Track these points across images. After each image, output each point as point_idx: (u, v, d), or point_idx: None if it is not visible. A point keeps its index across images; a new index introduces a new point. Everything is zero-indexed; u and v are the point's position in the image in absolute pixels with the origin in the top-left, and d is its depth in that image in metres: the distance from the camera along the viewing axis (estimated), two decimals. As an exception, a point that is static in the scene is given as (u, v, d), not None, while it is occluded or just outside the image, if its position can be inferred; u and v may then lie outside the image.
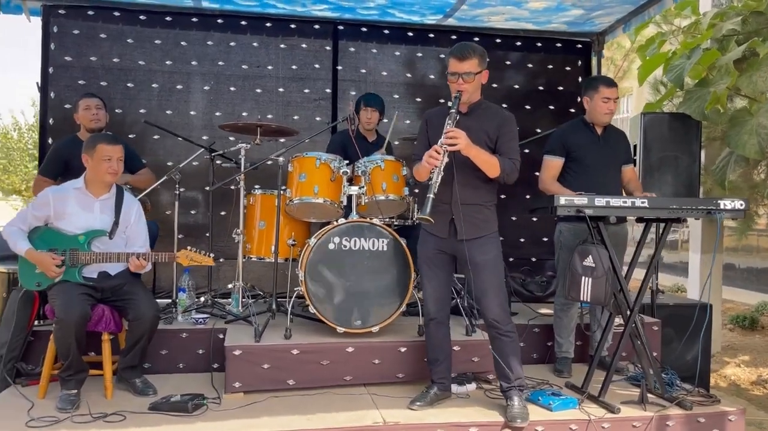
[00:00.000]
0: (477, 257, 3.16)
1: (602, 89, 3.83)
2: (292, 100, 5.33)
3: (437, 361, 3.40)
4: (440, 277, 3.31)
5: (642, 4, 4.99)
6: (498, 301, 3.19)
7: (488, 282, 3.18)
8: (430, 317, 3.36)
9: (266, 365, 3.49)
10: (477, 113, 3.22)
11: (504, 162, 3.11)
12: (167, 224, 4.66)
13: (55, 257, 3.31)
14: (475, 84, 3.14)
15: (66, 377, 3.24)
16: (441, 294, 3.33)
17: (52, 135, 4.90)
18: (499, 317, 3.19)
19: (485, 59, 3.17)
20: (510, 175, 3.14)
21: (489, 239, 3.21)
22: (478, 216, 3.19)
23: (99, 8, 5.00)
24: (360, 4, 4.97)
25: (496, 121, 3.19)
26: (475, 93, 3.19)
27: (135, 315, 3.35)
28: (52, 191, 3.45)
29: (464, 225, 3.15)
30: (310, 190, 3.91)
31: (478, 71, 3.12)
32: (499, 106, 3.34)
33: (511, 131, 3.20)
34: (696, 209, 3.45)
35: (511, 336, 3.22)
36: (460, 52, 3.10)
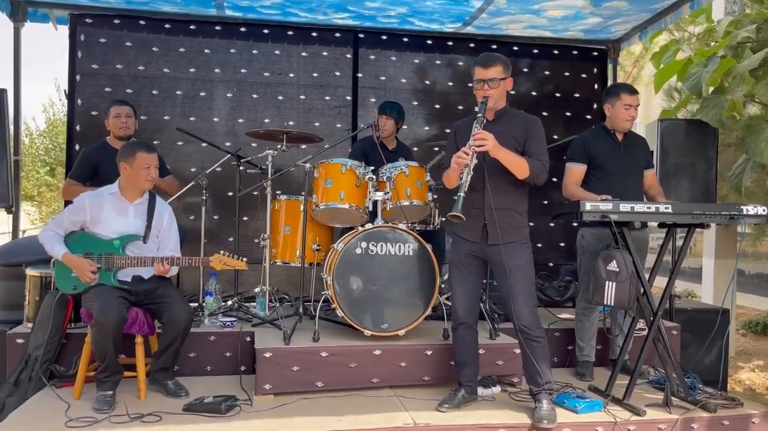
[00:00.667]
0: (509, 263, 3.21)
1: (624, 96, 3.90)
2: (313, 107, 5.42)
3: (465, 364, 3.45)
4: (470, 281, 3.37)
5: (659, 12, 5.07)
6: (528, 307, 3.24)
7: (519, 288, 3.23)
8: (460, 322, 3.41)
9: (296, 367, 3.55)
10: (504, 119, 3.29)
11: (533, 163, 3.16)
12: (190, 229, 4.75)
13: (92, 264, 3.39)
14: (499, 90, 3.22)
15: (102, 378, 3.31)
16: (470, 298, 3.39)
17: (78, 141, 5.00)
18: (529, 322, 3.25)
19: (509, 67, 3.26)
20: (539, 175, 3.18)
21: (521, 245, 3.27)
22: (511, 222, 3.25)
23: (125, 17, 5.11)
24: (381, 12, 5.06)
25: (523, 125, 3.26)
26: (500, 100, 3.26)
27: (169, 318, 3.41)
28: (89, 196, 3.52)
29: (495, 230, 3.20)
30: (336, 195, 3.98)
31: (503, 78, 3.21)
32: (525, 112, 3.41)
33: (538, 134, 3.26)
34: (719, 214, 3.50)
35: (540, 341, 3.27)
36: (485, 60, 3.20)
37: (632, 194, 3.89)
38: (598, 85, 5.84)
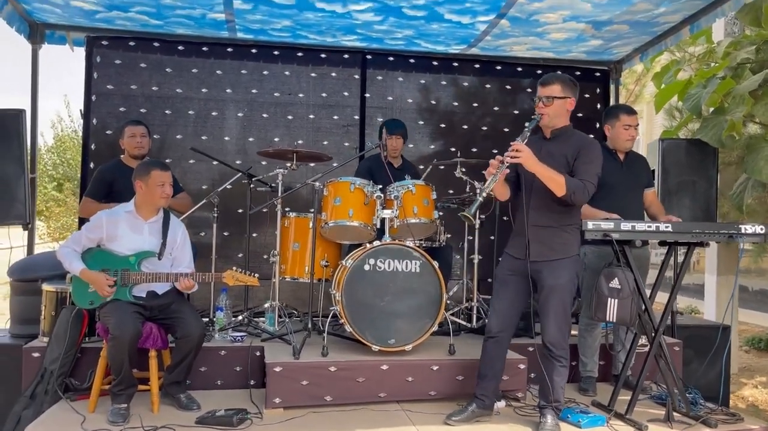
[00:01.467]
0: (548, 280, 3.27)
1: (623, 117, 4.02)
2: (322, 126, 5.54)
3: (485, 377, 3.48)
4: (509, 298, 3.41)
5: (659, 34, 5.18)
6: (557, 326, 3.28)
7: (552, 306, 3.28)
8: (491, 335, 3.45)
9: (305, 381, 3.63)
10: (561, 138, 3.34)
11: (570, 181, 3.16)
12: (201, 245, 4.85)
13: (109, 278, 3.49)
14: (555, 109, 3.28)
15: (117, 391, 3.40)
16: (504, 314, 3.41)
17: (93, 160, 5.13)
18: (554, 341, 3.30)
19: (570, 88, 3.31)
20: (577, 194, 3.16)
21: (564, 263, 3.28)
22: (555, 239, 3.29)
23: (140, 39, 5.25)
24: (388, 35, 5.20)
25: (577, 145, 3.28)
26: (557, 119, 3.32)
27: (183, 333, 3.51)
28: (106, 214, 3.63)
29: (536, 247, 3.28)
30: (345, 213, 4.09)
31: (561, 97, 3.27)
32: (585, 134, 3.42)
33: (589, 155, 3.26)
34: (718, 233, 3.59)
35: (561, 361, 3.32)
36: (544, 79, 3.32)
37: (633, 212, 3.99)
38: (601, 104, 5.95)
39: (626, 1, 4.46)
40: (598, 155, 3.30)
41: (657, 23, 4.92)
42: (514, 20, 4.78)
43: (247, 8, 4.61)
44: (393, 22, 4.86)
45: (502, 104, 5.86)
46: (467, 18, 4.75)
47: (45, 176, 17.57)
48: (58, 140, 17.86)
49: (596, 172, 3.27)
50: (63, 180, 16.89)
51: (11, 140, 4.31)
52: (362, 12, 4.65)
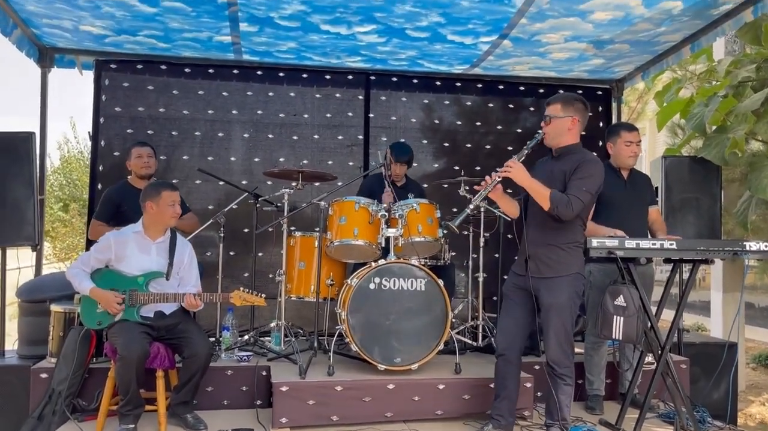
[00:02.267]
0: (546, 298, 3.29)
1: (624, 134, 4.05)
2: (327, 146, 5.60)
3: (498, 397, 3.49)
4: (514, 314, 3.43)
5: (660, 53, 5.24)
6: (558, 344, 3.29)
7: (552, 325, 3.29)
8: (498, 353, 3.48)
9: (311, 401, 3.64)
10: (564, 157, 3.37)
11: (555, 195, 3.18)
12: (207, 264, 4.89)
13: (117, 295, 3.52)
14: (554, 128, 3.33)
15: (125, 412, 3.41)
16: (511, 331, 3.43)
17: (101, 181, 5.18)
18: (556, 359, 3.31)
19: (574, 107, 3.33)
20: (560, 208, 3.16)
21: (562, 281, 3.28)
22: (551, 256, 3.31)
23: (147, 62, 5.34)
24: (391, 56, 5.27)
25: (576, 162, 3.29)
26: (558, 138, 3.35)
27: (190, 352, 3.53)
28: (114, 235, 3.68)
29: (534, 263, 3.31)
30: (350, 232, 4.12)
31: (561, 116, 3.32)
32: (589, 153, 3.41)
33: (583, 170, 3.25)
34: (723, 250, 3.60)
35: (564, 379, 3.32)
36: (549, 98, 3.40)
37: (636, 229, 4.00)
38: (603, 123, 5.99)
39: (627, 21, 4.52)
40: (594, 171, 3.29)
41: (658, 42, 4.98)
42: (516, 41, 4.85)
43: (253, 30, 4.69)
44: (396, 43, 4.93)
45: (504, 123, 5.90)
46: (470, 39, 4.82)
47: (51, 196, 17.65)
48: (65, 161, 17.98)
49: (587, 188, 3.24)
50: (69, 201, 16.96)
51: (21, 162, 4.36)
52: (366, 34, 4.72)
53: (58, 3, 4.24)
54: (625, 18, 4.47)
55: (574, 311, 3.35)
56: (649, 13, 4.39)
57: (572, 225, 3.32)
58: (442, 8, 4.29)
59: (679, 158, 5.32)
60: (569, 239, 3.33)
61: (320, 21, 4.50)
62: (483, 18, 4.45)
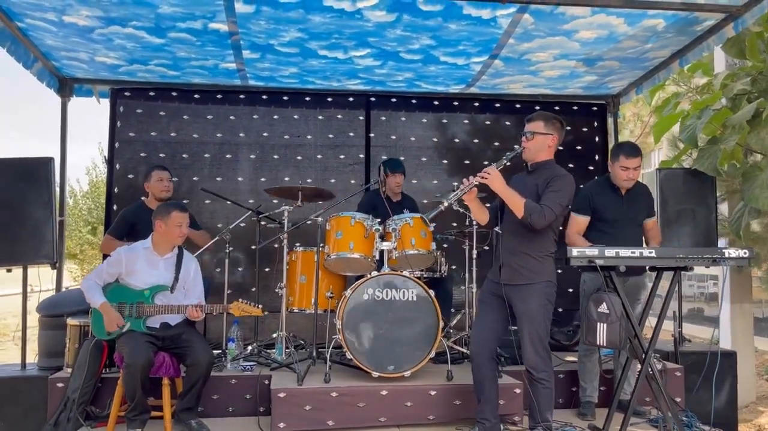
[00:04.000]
0: (517, 306, 3.44)
1: (622, 159, 4.08)
2: (329, 165, 5.84)
3: (479, 401, 3.63)
4: (487, 319, 3.58)
5: (651, 69, 5.38)
6: (533, 349, 3.43)
7: (526, 331, 3.44)
8: (472, 358, 3.63)
9: (308, 406, 3.82)
10: (539, 171, 3.55)
11: (529, 204, 3.34)
12: (216, 281, 5.13)
13: (120, 320, 3.78)
14: (535, 143, 3.52)
15: (132, 417, 3.63)
16: (484, 335, 3.58)
17: (116, 202, 5.49)
18: (533, 364, 3.44)
19: (554, 126, 3.54)
20: (533, 216, 3.32)
21: (532, 289, 3.43)
22: (523, 265, 3.47)
23: (159, 89, 5.65)
24: (389, 77, 5.50)
25: (549, 176, 3.46)
26: (538, 153, 3.54)
27: (192, 361, 3.75)
28: (125, 250, 3.95)
29: (507, 271, 3.47)
30: (346, 246, 4.32)
31: (542, 133, 3.50)
32: (560, 168, 3.57)
33: (556, 184, 3.42)
34: (702, 257, 3.68)
35: (543, 383, 3.45)
36: (529, 116, 3.60)
37: (632, 244, 4.06)
38: (599, 138, 6.14)
39: (612, 39, 4.69)
40: (566, 186, 3.45)
41: (647, 59, 5.13)
42: (507, 60, 5.04)
43: (256, 57, 4.96)
44: (392, 66, 5.16)
45: (502, 140, 6.07)
46: (462, 59, 5.03)
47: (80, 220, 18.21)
48: (93, 185, 18.56)
49: (559, 200, 3.41)
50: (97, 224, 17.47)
51: (41, 185, 4.66)
52: (362, 57, 4.96)
53: (74, 37, 4.57)
54: (610, 36, 4.64)
55: (547, 317, 3.48)
56: (632, 31, 4.55)
57: (544, 235, 3.47)
58: (431, 32, 4.51)
59: (674, 171, 5.41)
60: (541, 248, 3.48)
61: (318, 47, 4.75)
62: (472, 39, 4.65)
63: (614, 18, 4.35)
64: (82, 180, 25.21)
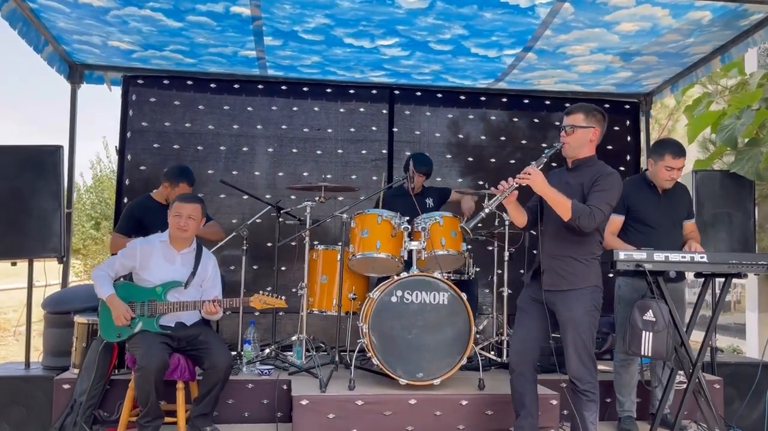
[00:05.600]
0: (561, 312, 3.19)
1: (667, 158, 3.81)
2: (350, 160, 5.61)
3: (517, 416, 3.38)
4: (528, 326, 3.33)
5: (689, 65, 5.14)
6: (578, 359, 3.18)
7: (570, 339, 3.19)
8: (512, 369, 3.37)
9: (331, 415, 3.58)
10: (581, 169, 3.28)
11: (577, 205, 3.08)
12: (232, 279, 4.90)
13: (129, 311, 3.54)
14: (576, 138, 3.23)
15: (144, 423, 3.40)
16: (525, 344, 3.33)
17: (127, 195, 5.25)
18: (577, 374, 3.20)
19: (596, 118, 3.25)
20: (582, 218, 3.06)
21: (578, 294, 3.18)
22: (566, 268, 3.21)
23: (173, 77, 5.42)
24: (415, 70, 5.27)
25: (594, 174, 3.20)
26: (580, 149, 3.27)
27: (210, 364, 3.51)
28: (141, 242, 3.73)
29: (549, 276, 3.21)
30: (372, 245, 4.08)
31: (583, 126, 3.22)
32: (606, 165, 3.31)
33: (603, 183, 3.16)
34: (756, 264, 3.47)
35: (588, 395, 3.20)
36: (569, 108, 3.31)
37: (669, 247, 3.84)
38: (631, 137, 5.90)
39: (654, 32, 4.45)
40: (614, 185, 3.20)
41: (687, 54, 4.89)
42: (541, 53, 4.81)
43: (278, 44, 4.73)
44: (420, 56, 4.93)
45: (530, 138, 5.84)
46: (494, 52, 4.79)
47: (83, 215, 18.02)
48: (97, 180, 18.38)
49: (608, 200, 3.16)
50: (101, 219, 17.29)
51: (49, 175, 4.43)
52: (389, 47, 4.73)
53: (87, 19, 4.33)
54: (653, 29, 4.40)
55: (594, 324, 3.24)
56: (677, 24, 4.32)
57: (590, 237, 3.23)
58: (465, 20, 4.28)
59: (711, 173, 5.19)
60: (586, 251, 3.24)
61: (343, 34, 4.52)
62: (506, 30, 4.42)
63: (659, 9, 4.12)
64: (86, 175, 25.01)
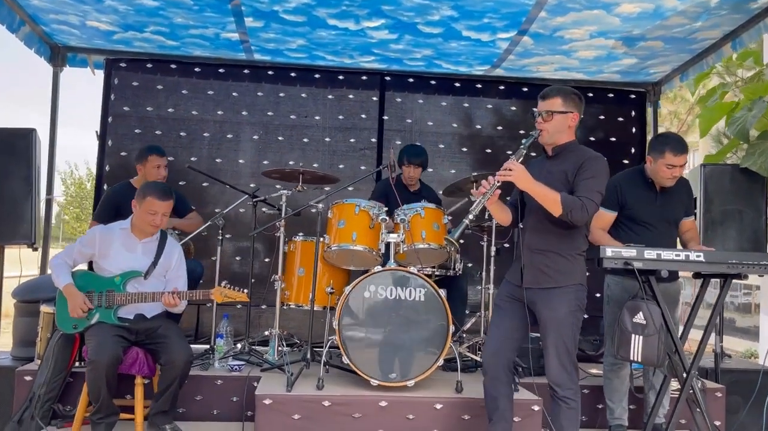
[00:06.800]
0: (542, 312, 2.94)
1: (668, 156, 3.50)
2: (338, 149, 5.39)
3: (490, 421, 3.12)
4: (503, 327, 3.07)
5: (699, 52, 4.82)
6: (558, 362, 2.92)
7: (551, 341, 2.93)
8: (485, 371, 3.12)
9: (297, 415, 3.39)
10: (562, 155, 3.03)
11: (566, 198, 2.83)
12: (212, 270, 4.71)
13: (86, 302, 3.37)
14: (555, 124, 2.97)
15: (96, 420, 3.23)
16: (499, 346, 3.07)
17: (107, 181, 5.10)
18: (557, 379, 2.93)
19: (574, 102, 2.99)
20: (574, 212, 2.81)
21: (561, 292, 2.94)
22: (550, 265, 2.95)
23: (157, 61, 5.24)
24: (407, 55, 5.03)
25: (578, 160, 2.96)
26: (558, 135, 3.00)
27: (167, 359, 3.33)
28: (100, 230, 3.57)
29: (531, 272, 2.96)
30: (348, 237, 3.86)
31: (561, 111, 2.96)
32: (589, 149, 3.06)
33: (590, 169, 2.91)
34: (759, 264, 3.17)
35: (568, 403, 2.93)
36: (544, 92, 3.03)
37: (665, 247, 3.56)
38: (636, 128, 5.60)
39: (658, 15, 4.16)
40: (602, 170, 2.95)
41: (695, 40, 4.58)
42: (537, 37, 4.53)
43: (259, 26, 4.51)
44: (409, 40, 4.68)
45: (527, 128, 5.52)
46: (486, 35, 4.53)
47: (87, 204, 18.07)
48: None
49: (598, 188, 2.90)
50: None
51: (20, 159, 4.30)
52: (376, 29, 4.49)
53: (60, -4, 4.17)
54: (656, 11, 4.11)
55: (577, 326, 2.96)
56: (682, 6, 4.03)
57: (576, 231, 2.96)
58: (453, 1, 4.03)
59: (721, 167, 4.89)
60: (571, 246, 2.97)
61: (326, 15, 4.29)
62: (499, 11, 4.16)
63: (662, -12, 3.84)
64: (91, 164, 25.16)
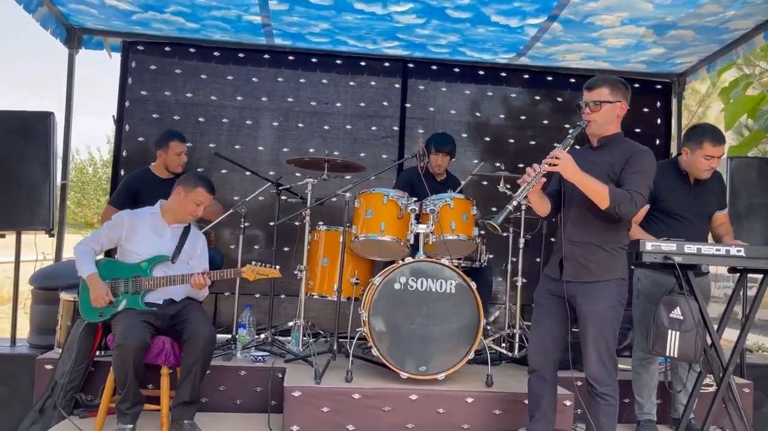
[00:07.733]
0: (583, 306, 2.87)
1: (706, 146, 3.43)
2: (359, 137, 5.30)
3: (531, 417, 3.07)
4: (547, 324, 3.01)
5: (729, 43, 4.73)
6: (597, 358, 2.86)
7: (590, 336, 2.86)
8: (531, 369, 3.07)
9: (326, 408, 3.33)
10: (608, 147, 2.96)
11: (615, 191, 2.76)
12: (231, 258, 4.65)
13: (109, 294, 3.32)
14: (603, 114, 2.90)
15: (124, 409, 3.17)
16: (545, 344, 3.02)
17: (124, 167, 5.01)
18: (595, 375, 2.87)
19: (621, 91, 2.93)
20: (622, 206, 2.74)
21: (602, 286, 2.87)
22: (591, 257, 2.88)
23: (176, 45, 5.13)
24: (431, 41, 4.93)
25: (626, 153, 2.89)
26: (606, 126, 2.93)
27: (189, 334, 3.29)
28: (128, 213, 3.52)
29: (571, 265, 2.89)
30: (376, 227, 3.79)
31: (609, 101, 2.89)
32: (636, 142, 2.99)
33: (637, 164, 2.85)
34: (801, 258, 3.11)
35: (606, 399, 2.87)
36: (590, 82, 2.95)
37: (698, 241, 3.49)
38: (661, 120, 5.51)
39: (692, 2, 4.06)
40: (650, 163, 2.88)
41: (726, 29, 4.49)
42: (567, 23, 4.43)
43: (283, 9, 4.40)
44: (436, 25, 4.58)
45: (552, 118, 5.48)
46: (515, 20, 4.43)
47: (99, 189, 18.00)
48: (113, 154, 18.41)
49: (646, 182, 2.84)
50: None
51: (38, 143, 4.20)
52: (403, 14, 4.39)
53: (80, -25, 4.06)
54: (691, -3, 4.02)
55: (618, 321, 2.90)
56: (718, -8, 3.94)
57: (619, 224, 2.90)
58: (485, -16, 3.94)
59: (747, 160, 4.83)
60: (613, 239, 2.90)
61: (354, -1, 4.20)
62: (531, -4, 4.07)
63: (699, -27, 3.74)
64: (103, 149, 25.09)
